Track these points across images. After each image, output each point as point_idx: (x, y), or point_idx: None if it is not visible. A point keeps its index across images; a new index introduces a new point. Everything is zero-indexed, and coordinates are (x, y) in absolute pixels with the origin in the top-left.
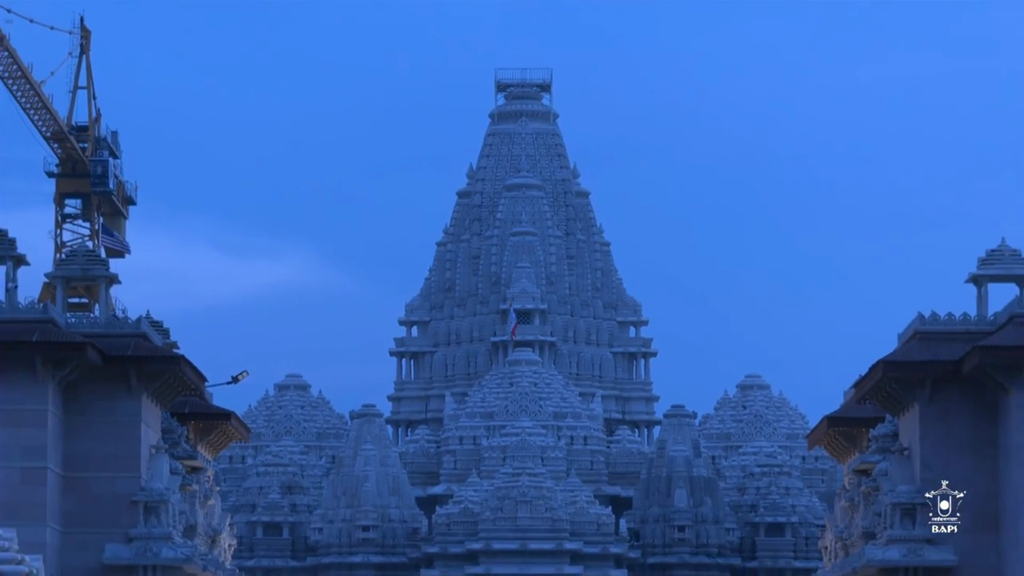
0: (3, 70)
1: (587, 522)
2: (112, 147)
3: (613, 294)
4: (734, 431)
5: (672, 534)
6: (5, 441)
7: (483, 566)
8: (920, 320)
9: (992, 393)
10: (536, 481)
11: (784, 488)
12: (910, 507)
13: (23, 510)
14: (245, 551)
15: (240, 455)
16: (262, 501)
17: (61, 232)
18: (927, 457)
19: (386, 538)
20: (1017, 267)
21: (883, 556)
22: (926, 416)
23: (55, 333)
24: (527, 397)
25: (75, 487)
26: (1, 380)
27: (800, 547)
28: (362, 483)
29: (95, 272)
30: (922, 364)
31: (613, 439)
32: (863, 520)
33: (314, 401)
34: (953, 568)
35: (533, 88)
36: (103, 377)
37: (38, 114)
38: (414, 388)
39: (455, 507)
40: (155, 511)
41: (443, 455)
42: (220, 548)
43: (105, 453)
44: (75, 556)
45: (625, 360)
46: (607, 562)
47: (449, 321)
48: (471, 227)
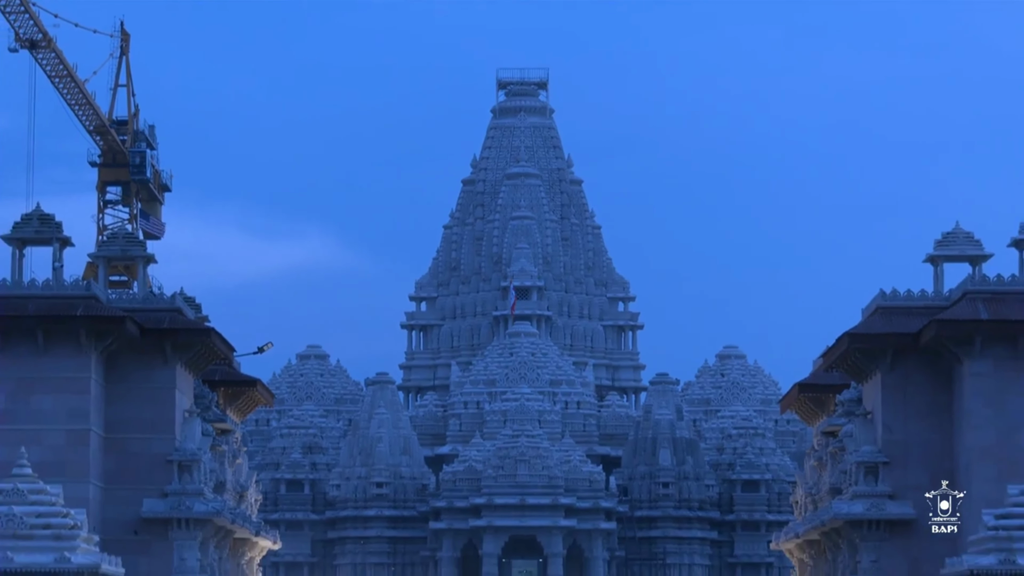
0: (50, 70)
1: (580, 479)
2: (149, 139)
3: (604, 272)
4: (713, 397)
5: (657, 490)
6: (52, 406)
7: (486, 519)
8: (882, 296)
9: (947, 362)
10: (534, 442)
11: (759, 448)
12: (873, 465)
13: (68, 468)
14: (269, 505)
15: (265, 418)
16: (285, 460)
17: (103, 216)
18: (888, 420)
19: (397, 494)
20: (970, 248)
21: (848, 510)
22: (887, 383)
23: (97, 308)
24: (525, 366)
25: (115, 447)
26: (48, 351)
27: (773, 502)
28: (376, 444)
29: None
30: (884, 336)
31: (604, 404)
32: (830, 477)
33: (332, 369)
34: (912, 521)
35: (531, 86)
36: (141, 348)
37: (82, 110)
38: (423, 358)
39: (460, 465)
40: (188, 469)
41: (449, 418)
42: (247, 503)
43: (142, 417)
44: (115, 510)
45: (614, 332)
46: (598, 515)
47: (455, 297)
48: (475, 212)
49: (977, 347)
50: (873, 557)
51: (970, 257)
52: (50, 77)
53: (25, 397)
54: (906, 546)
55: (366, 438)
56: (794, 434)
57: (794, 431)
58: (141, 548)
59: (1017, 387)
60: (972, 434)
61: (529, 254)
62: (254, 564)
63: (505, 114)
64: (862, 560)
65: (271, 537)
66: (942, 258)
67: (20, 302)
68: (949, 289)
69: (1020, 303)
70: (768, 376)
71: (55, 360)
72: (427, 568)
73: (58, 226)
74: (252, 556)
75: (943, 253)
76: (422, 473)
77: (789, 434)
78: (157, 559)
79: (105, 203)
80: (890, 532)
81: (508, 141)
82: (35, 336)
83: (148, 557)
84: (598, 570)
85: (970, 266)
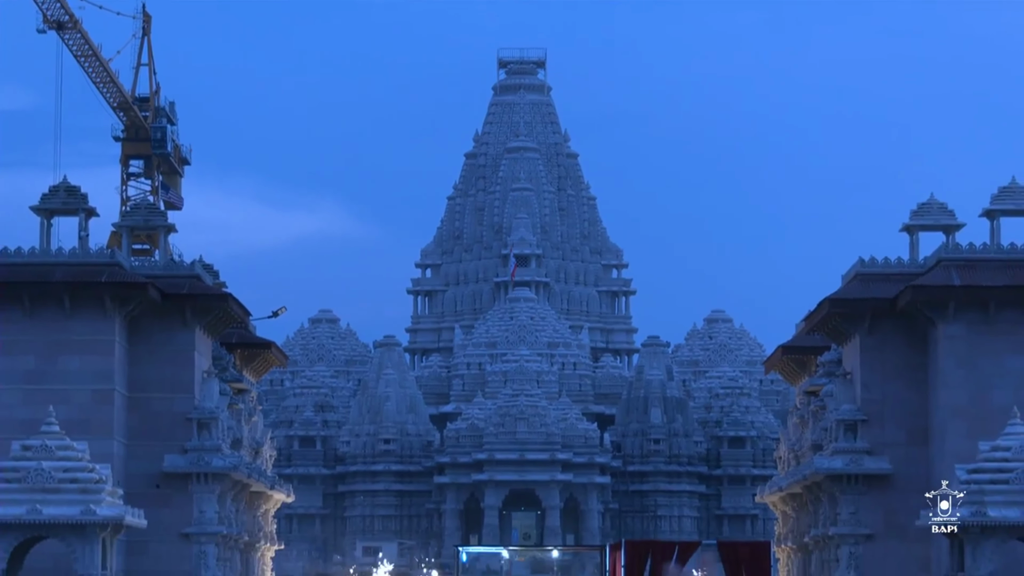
0: (76, 50)
1: (576, 436)
2: (170, 115)
3: (598, 241)
4: (702, 358)
5: (649, 446)
6: (78, 367)
7: (487, 473)
8: (861, 263)
9: (922, 326)
10: (532, 401)
11: (744, 407)
12: (852, 423)
13: (93, 426)
14: (283, 461)
15: (279, 379)
16: (298, 418)
17: (126, 188)
18: (867, 380)
19: (404, 449)
20: (944, 218)
21: (829, 465)
22: (866, 345)
23: (121, 275)
24: (525, 329)
25: (138, 406)
26: (74, 315)
27: (758, 457)
28: (384, 403)
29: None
30: (862, 301)
31: (598, 365)
32: (812, 434)
33: (343, 332)
34: (889, 475)
35: (530, 65)
36: (162, 312)
37: (106, 87)
38: (428, 321)
39: (463, 423)
40: (207, 426)
41: (453, 379)
42: (262, 458)
43: (163, 377)
44: (138, 465)
45: (608, 297)
46: (593, 470)
47: (458, 264)
48: (477, 184)
49: (950, 311)
50: (852, 509)
51: (944, 226)
52: (76, 57)
53: (53, 359)
54: (883, 499)
55: (374, 397)
56: (778, 393)
57: (778, 390)
58: (162, 501)
59: (988, 349)
60: (945, 393)
61: (528, 224)
62: (269, 516)
63: (505, 91)
64: (841, 512)
65: (285, 490)
66: (917, 227)
67: (48, 269)
68: (924, 257)
69: (991, 270)
70: (753, 339)
71: (81, 324)
72: (432, 520)
73: (84, 197)
74: (267, 508)
75: (918, 223)
76: (427, 430)
77: (773, 393)
78: (177, 511)
79: (128, 176)
80: (868, 486)
81: (508, 117)
82: (62, 301)
83: (169, 509)
84: (593, 522)
85: (944, 235)
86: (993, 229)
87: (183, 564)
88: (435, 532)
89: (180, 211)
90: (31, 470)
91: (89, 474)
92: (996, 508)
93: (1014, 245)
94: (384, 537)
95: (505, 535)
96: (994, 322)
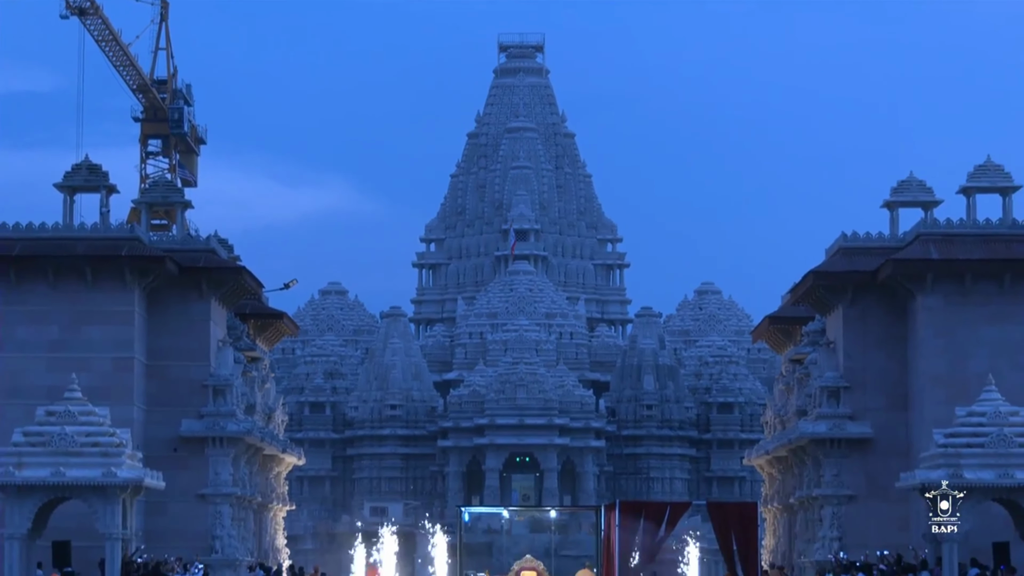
0: (97, 35)
1: (572, 402)
2: (186, 97)
3: (594, 216)
4: (692, 328)
5: (642, 411)
6: (100, 336)
7: (488, 437)
8: (843, 238)
9: (902, 298)
10: (531, 368)
11: (733, 374)
12: (835, 390)
13: (114, 392)
14: (295, 425)
15: (291, 348)
16: (309, 385)
17: (145, 166)
18: (849, 349)
19: (409, 415)
20: (922, 195)
21: (813, 429)
22: (848, 316)
23: (140, 249)
24: (524, 300)
25: (156, 373)
26: (96, 287)
27: (746, 422)
28: (390, 370)
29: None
30: (845, 274)
31: (594, 335)
32: (797, 400)
33: (351, 304)
34: (870, 439)
35: (529, 49)
36: (179, 284)
37: (126, 70)
38: (432, 293)
39: (465, 390)
40: (222, 393)
41: (456, 347)
42: (274, 423)
43: (181, 346)
44: (156, 429)
45: (603, 270)
46: (589, 434)
47: (460, 239)
48: (478, 162)
49: (929, 284)
50: (835, 471)
51: (922, 203)
52: (97, 41)
53: (76, 328)
54: (864, 462)
55: (381, 365)
56: (764, 361)
57: (764, 359)
58: (180, 464)
59: (964, 319)
60: (924, 362)
61: (527, 200)
62: (281, 478)
63: (505, 74)
64: (825, 474)
65: (296, 454)
66: (897, 204)
67: (71, 243)
68: (903, 232)
69: (967, 244)
70: (741, 309)
71: (102, 295)
72: (435, 482)
73: (105, 175)
74: (279, 471)
75: (898, 199)
76: (431, 396)
77: (760, 361)
78: (194, 473)
79: (147, 154)
80: (850, 449)
81: (508, 99)
82: (84, 274)
83: (186, 471)
84: (589, 483)
85: (922, 211)
86: (969, 205)
87: (199, 524)
88: (439, 493)
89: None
90: (55, 434)
91: (110, 438)
92: (972, 471)
93: (989, 221)
94: (390, 498)
95: (505, 496)
96: (970, 294)
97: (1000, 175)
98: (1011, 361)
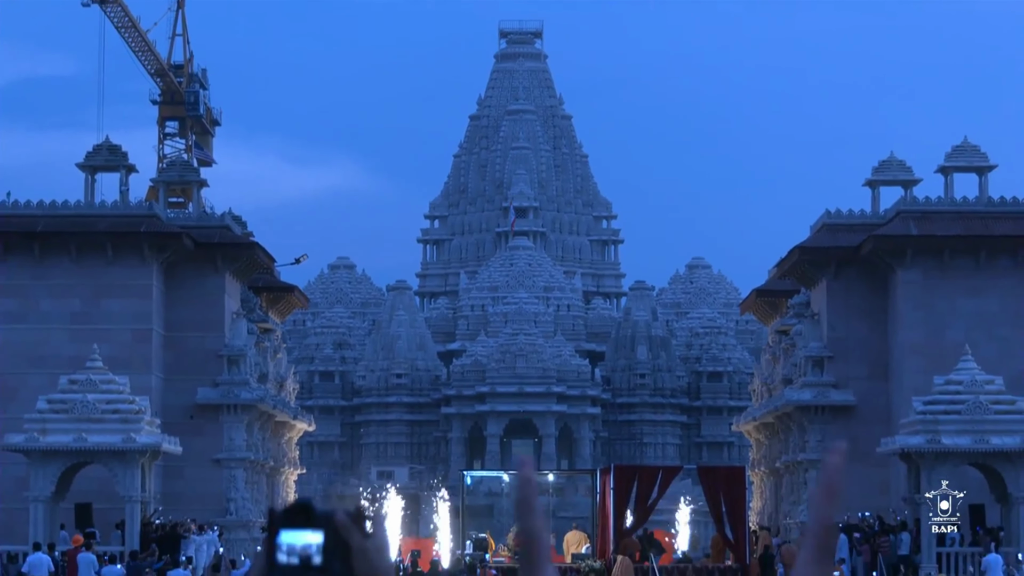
0: (117, 22)
1: (569, 371)
2: (202, 81)
3: (590, 195)
4: (683, 300)
5: (635, 380)
6: (119, 309)
7: (489, 405)
8: (827, 215)
9: (883, 272)
10: (530, 339)
11: (722, 345)
12: (819, 359)
13: (133, 362)
14: (305, 393)
15: (301, 319)
16: (318, 355)
17: (162, 147)
18: (832, 321)
19: (414, 383)
20: (902, 174)
21: (798, 397)
22: (832, 289)
23: (158, 225)
24: (523, 274)
25: (173, 344)
26: (116, 262)
27: (734, 390)
28: (396, 341)
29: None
30: (829, 249)
31: (590, 307)
32: (783, 369)
33: (359, 278)
34: (852, 406)
35: (528, 35)
36: (195, 259)
37: (144, 56)
38: (436, 267)
39: (468, 359)
40: (236, 362)
41: (458, 319)
42: (286, 391)
43: (196, 318)
44: (173, 397)
45: (599, 246)
46: (585, 402)
47: (463, 216)
48: (480, 143)
49: (908, 259)
50: (819, 437)
51: (902, 182)
52: (117, 28)
53: (96, 301)
54: (847, 428)
55: (387, 336)
56: (752, 332)
57: (752, 330)
58: (196, 430)
59: (942, 293)
60: (904, 333)
61: (526, 179)
62: (292, 443)
63: (506, 59)
64: (809, 440)
65: (306, 420)
66: (879, 182)
67: (92, 220)
68: (884, 209)
69: (945, 221)
70: (730, 283)
71: (122, 270)
72: (439, 447)
73: (124, 155)
74: (290, 436)
75: (879, 178)
76: (435, 366)
77: (748, 332)
78: (209, 439)
79: (164, 136)
80: (833, 416)
81: (508, 82)
82: (105, 249)
83: (202, 437)
84: (585, 448)
85: (902, 189)
86: (947, 184)
87: (214, 486)
88: (442, 458)
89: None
90: (77, 402)
91: (130, 405)
92: (949, 436)
93: (966, 199)
94: (396, 462)
95: (505, 460)
96: (947, 268)
97: (976, 155)
98: (986, 332)
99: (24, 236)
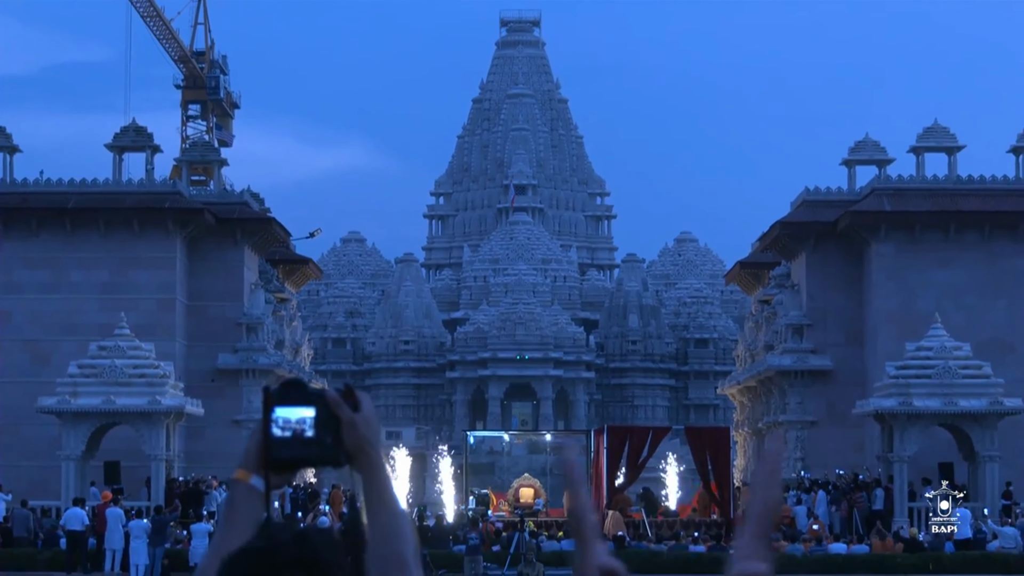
0: (143, 11)
1: (566, 337)
2: (222, 67)
3: (585, 173)
4: (672, 272)
5: (627, 346)
6: (146, 280)
7: (491, 370)
8: (807, 192)
9: (858, 245)
10: (529, 308)
11: (708, 313)
12: (799, 327)
13: (158, 329)
14: (319, 359)
15: (316, 289)
16: (331, 323)
17: (185, 129)
18: (811, 291)
19: (421, 349)
20: (877, 154)
21: (779, 362)
22: (811, 261)
23: (181, 202)
24: (523, 248)
25: (196, 312)
26: (142, 236)
27: (719, 356)
28: (403, 310)
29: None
30: (808, 224)
31: (585, 278)
32: (765, 336)
33: (369, 251)
34: (830, 371)
35: (527, 24)
36: (216, 233)
37: (168, 43)
38: (441, 241)
39: (471, 327)
40: (254, 330)
41: (462, 290)
42: (301, 357)
43: (217, 288)
44: (196, 362)
45: (593, 221)
46: (580, 367)
47: (466, 193)
48: (482, 125)
49: (882, 233)
50: (798, 400)
51: (877, 161)
52: (143, 17)
53: (124, 272)
54: (824, 391)
55: (396, 305)
56: (736, 302)
57: (736, 299)
58: (217, 393)
59: (914, 265)
60: (878, 302)
61: (526, 159)
62: None
63: (506, 46)
64: (789, 402)
65: (320, 384)
66: (855, 162)
67: (120, 197)
68: (860, 186)
69: (917, 198)
70: (715, 255)
71: (148, 243)
72: (444, 409)
73: (150, 136)
74: None
75: (855, 158)
76: (440, 333)
77: (732, 302)
78: (229, 401)
79: (187, 118)
80: (812, 380)
81: (508, 68)
82: (132, 224)
83: (222, 400)
84: (580, 410)
85: (877, 168)
86: (919, 163)
87: (234, 446)
88: (447, 419)
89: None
90: (106, 367)
91: (155, 370)
92: (920, 399)
93: (936, 177)
94: (404, 423)
95: (506, 421)
96: (919, 242)
97: (946, 136)
98: (955, 302)
99: (56, 212)
